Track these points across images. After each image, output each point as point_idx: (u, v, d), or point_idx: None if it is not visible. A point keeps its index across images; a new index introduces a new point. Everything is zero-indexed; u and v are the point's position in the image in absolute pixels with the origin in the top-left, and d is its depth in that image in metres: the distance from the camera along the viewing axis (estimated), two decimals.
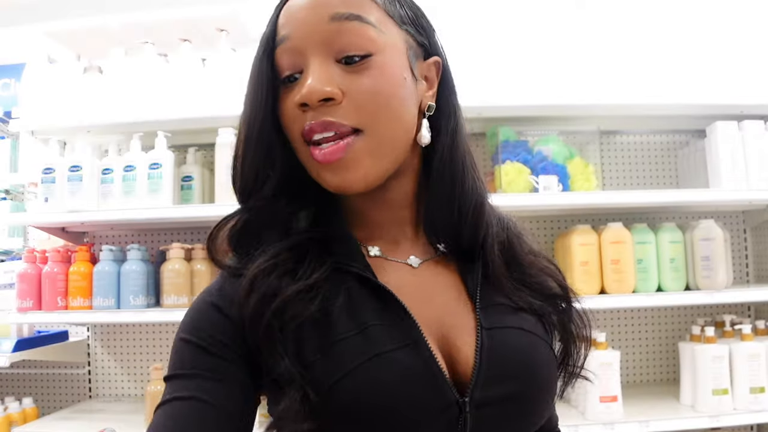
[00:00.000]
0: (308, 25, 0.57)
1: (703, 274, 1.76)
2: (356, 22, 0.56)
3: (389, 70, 0.58)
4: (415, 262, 0.65)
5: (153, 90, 1.83)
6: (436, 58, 0.64)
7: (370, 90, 0.57)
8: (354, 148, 0.57)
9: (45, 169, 1.83)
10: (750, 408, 1.68)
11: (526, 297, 0.64)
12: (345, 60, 0.57)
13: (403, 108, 0.59)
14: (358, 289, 0.59)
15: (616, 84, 1.79)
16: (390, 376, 0.54)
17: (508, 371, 0.58)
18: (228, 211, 0.64)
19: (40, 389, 2.15)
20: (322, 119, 0.56)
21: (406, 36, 0.61)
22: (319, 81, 0.56)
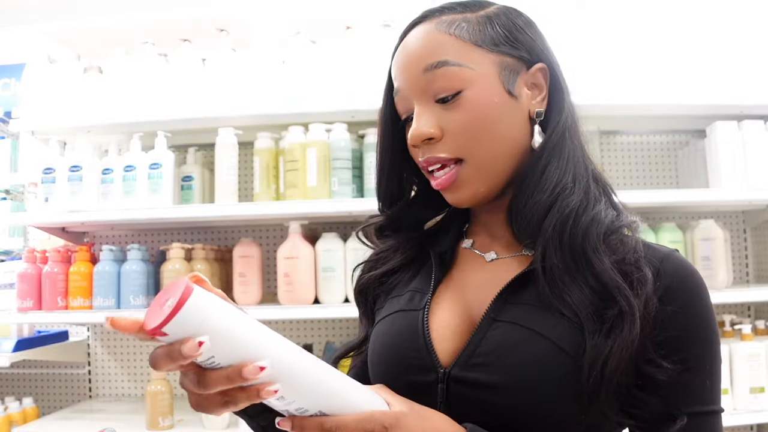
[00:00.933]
0: (409, 79, 0.68)
1: (703, 274, 1.75)
2: (445, 68, 0.66)
3: (478, 101, 0.66)
4: (490, 257, 0.73)
5: (153, 90, 1.83)
6: (540, 65, 0.69)
7: (463, 124, 0.66)
8: (461, 174, 0.68)
9: (45, 169, 1.83)
10: (750, 408, 1.68)
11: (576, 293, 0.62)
12: (441, 100, 0.67)
13: (498, 130, 0.67)
14: (429, 267, 0.75)
15: (616, 84, 1.78)
16: (395, 329, 0.71)
17: (491, 363, 0.62)
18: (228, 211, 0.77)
19: (41, 389, 2.15)
20: (428, 156, 0.68)
21: (499, 57, 0.67)
22: (420, 125, 0.67)
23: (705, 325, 0.64)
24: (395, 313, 0.72)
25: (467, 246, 0.76)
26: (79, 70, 1.92)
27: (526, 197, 0.67)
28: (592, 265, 0.63)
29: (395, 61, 0.71)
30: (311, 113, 1.78)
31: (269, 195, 1.83)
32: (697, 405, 0.62)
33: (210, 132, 1.86)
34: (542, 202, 0.66)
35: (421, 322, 0.68)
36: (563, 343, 0.60)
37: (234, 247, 1.86)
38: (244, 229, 2.10)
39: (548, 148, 0.68)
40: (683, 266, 0.67)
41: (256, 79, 1.81)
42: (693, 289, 0.65)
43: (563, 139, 0.68)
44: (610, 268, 0.62)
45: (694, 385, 0.62)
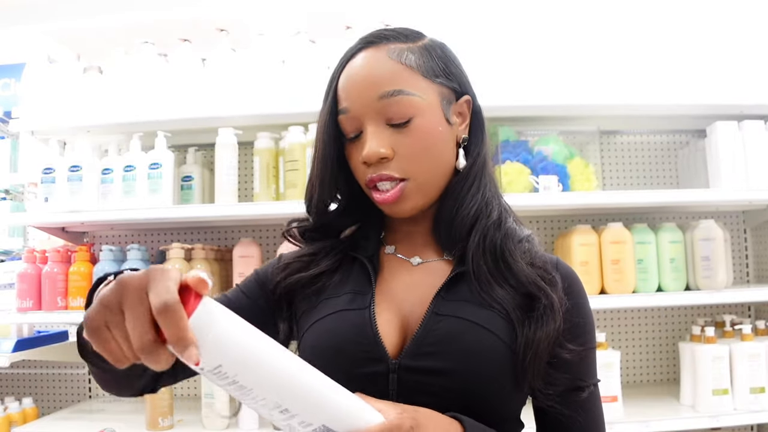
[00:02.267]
0: (363, 101, 0.75)
1: (703, 274, 1.76)
2: (400, 96, 0.74)
3: (426, 128, 0.75)
4: (416, 261, 0.82)
5: (153, 90, 1.83)
6: (466, 98, 0.81)
7: (412, 147, 0.75)
8: (405, 191, 0.76)
9: (45, 169, 1.83)
10: (750, 408, 1.68)
11: (501, 293, 0.74)
12: (393, 125, 0.75)
13: (440, 154, 0.77)
14: (358, 270, 0.81)
15: (616, 84, 1.79)
16: (341, 326, 0.75)
17: (438, 351, 0.71)
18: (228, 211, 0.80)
19: (40, 389, 2.15)
20: (380, 173, 0.75)
21: (439, 88, 0.77)
22: (375, 145, 0.74)
23: (591, 316, 0.81)
24: (338, 312, 0.76)
25: (391, 252, 0.84)
26: (79, 70, 1.91)
27: (454, 211, 0.79)
28: (511, 267, 0.76)
29: (347, 82, 0.77)
30: (311, 113, 1.78)
31: (269, 195, 1.83)
32: (591, 378, 0.80)
33: (210, 132, 1.85)
34: (470, 216, 0.78)
35: (370, 318, 0.74)
36: (499, 333, 0.72)
37: (234, 247, 1.86)
38: (244, 229, 2.10)
39: (474, 170, 0.79)
40: (570, 270, 0.82)
41: (256, 79, 1.81)
42: (581, 288, 0.81)
43: (485, 163, 0.81)
44: (526, 269, 0.75)
45: (589, 363, 0.80)
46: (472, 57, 1.79)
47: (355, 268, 0.81)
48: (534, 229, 2.11)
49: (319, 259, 0.83)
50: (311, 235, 0.86)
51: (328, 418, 0.56)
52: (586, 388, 0.78)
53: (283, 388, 0.53)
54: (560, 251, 1.88)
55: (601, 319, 2.06)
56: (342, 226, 0.86)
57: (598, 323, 2.05)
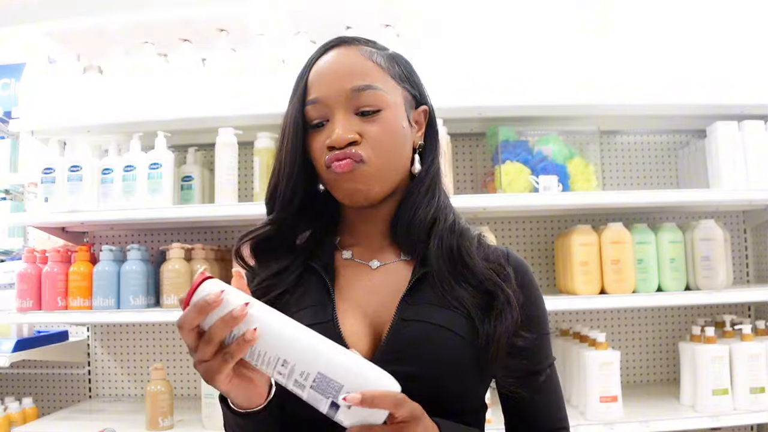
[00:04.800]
0: (334, 92, 0.78)
1: (703, 274, 1.76)
2: (371, 90, 0.78)
3: (393, 121, 0.80)
4: (375, 265, 0.83)
5: (153, 90, 1.83)
6: (424, 107, 0.86)
7: (380, 134, 0.78)
8: (358, 171, 0.77)
9: (45, 169, 1.83)
10: (750, 408, 1.68)
11: (462, 292, 0.77)
12: (362, 113, 0.78)
13: (400, 148, 0.81)
14: (316, 281, 0.82)
15: (616, 84, 1.79)
16: None
17: (407, 356, 0.73)
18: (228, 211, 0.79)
19: (40, 389, 2.15)
20: (345, 151, 0.77)
21: (403, 91, 0.83)
22: (344, 130, 0.77)
23: (543, 304, 0.85)
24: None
25: (348, 257, 0.85)
26: (79, 70, 1.92)
27: (411, 214, 0.81)
28: (468, 265, 0.79)
29: (318, 74, 0.81)
30: None
31: None
32: (546, 361, 0.84)
33: (210, 132, 1.85)
34: (428, 219, 0.82)
35: (334, 331, 0.75)
36: (462, 332, 0.75)
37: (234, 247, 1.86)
38: (244, 229, 2.09)
39: (430, 175, 0.84)
40: (520, 261, 0.86)
41: (256, 79, 1.81)
42: (532, 278, 0.85)
43: (438, 171, 0.86)
44: (482, 266, 0.79)
45: (544, 347, 0.84)
46: (472, 57, 1.80)
47: (314, 279, 0.82)
48: (534, 229, 2.12)
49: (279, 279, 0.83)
50: (267, 246, 0.85)
51: (324, 367, 0.61)
52: (543, 371, 0.83)
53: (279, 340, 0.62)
54: (560, 251, 1.88)
55: (601, 319, 2.06)
56: (296, 229, 0.86)
57: (599, 323, 2.05)
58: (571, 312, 2.04)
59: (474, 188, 2.07)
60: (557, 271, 1.93)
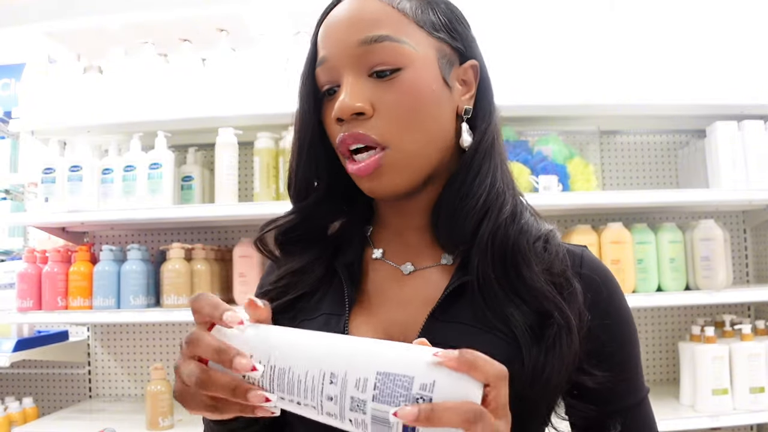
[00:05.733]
0: (341, 47, 0.61)
1: (703, 274, 1.76)
2: (386, 42, 0.60)
3: (417, 84, 0.61)
4: (408, 269, 0.67)
5: (153, 90, 1.83)
6: (473, 62, 0.67)
7: (397, 104, 0.60)
8: (384, 162, 0.61)
9: (45, 169, 1.83)
10: (750, 408, 1.68)
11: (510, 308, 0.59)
12: (376, 74, 0.61)
13: (430, 119, 0.62)
14: (337, 285, 0.67)
15: (616, 84, 1.79)
16: None
17: None
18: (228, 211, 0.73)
19: (40, 389, 2.15)
20: (353, 131, 0.61)
21: (439, 44, 0.63)
22: (351, 97, 0.60)
23: (630, 325, 0.68)
24: None
25: (378, 256, 0.69)
26: (79, 70, 1.91)
27: (457, 201, 0.63)
28: (523, 277, 0.61)
29: (324, 27, 0.64)
30: None
31: (269, 195, 1.83)
32: (629, 398, 0.65)
33: (210, 132, 1.85)
34: (478, 208, 0.63)
35: None
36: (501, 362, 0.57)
37: (234, 247, 1.86)
38: (244, 229, 2.10)
39: (481, 150, 0.64)
40: (601, 269, 0.67)
41: (256, 79, 1.81)
42: (614, 292, 0.66)
43: (493, 142, 0.66)
44: (542, 281, 0.61)
45: (629, 383, 0.65)
46: None
47: (335, 282, 0.67)
48: None
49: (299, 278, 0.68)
50: (291, 237, 0.70)
51: (382, 363, 0.46)
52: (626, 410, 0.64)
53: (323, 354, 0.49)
54: None
55: None
56: (324, 218, 0.71)
57: None
58: None
59: None
60: None
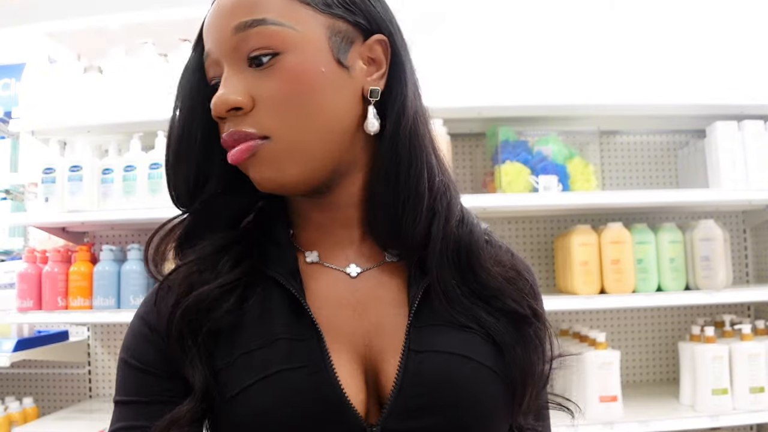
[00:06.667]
0: (219, 38, 0.56)
1: (703, 274, 1.76)
2: (260, 27, 0.54)
3: (300, 67, 0.54)
4: (354, 271, 0.60)
5: (153, 90, 1.83)
6: (378, 36, 0.58)
7: (277, 93, 0.54)
8: (262, 150, 0.55)
9: (45, 169, 1.83)
10: (750, 408, 1.68)
11: (477, 311, 0.57)
12: (254, 63, 0.55)
13: (319, 105, 0.55)
14: (279, 296, 0.57)
15: (616, 84, 1.79)
16: (288, 395, 0.52)
17: (432, 403, 0.53)
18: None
19: (41, 389, 2.15)
20: (231, 130, 0.55)
21: (331, 20, 0.56)
22: (225, 92, 0.55)
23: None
24: (276, 374, 0.53)
25: (314, 260, 0.61)
26: (79, 70, 1.91)
27: (392, 196, 0.58)
28: (480, 278, 0.59)
29: (207, 18, 0.59)
30: None
31: None
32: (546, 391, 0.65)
33: None
34: (425, 209, 0.58)
35: (329, 379, 0.53)
36: (488, 362, 0.56)
37: None
38: None
39: (400, 135, 0.57)
40: (529, 266, 0.66)
41: None
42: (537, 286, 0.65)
43: (415, 128, 0.58)
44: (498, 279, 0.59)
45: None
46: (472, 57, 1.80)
47: (275, 295, 0.57)
48: (534, 229, 2.12)
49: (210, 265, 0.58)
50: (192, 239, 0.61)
51: None
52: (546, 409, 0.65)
53: None
54: (560, 251, 1.88)
55: (601, 319, 2.06)
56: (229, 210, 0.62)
57: (598, 323, 2.05)
58: (570, 312, 2.04)
59: (474, 188, 2.07)
60: (557, 271, 1.93)
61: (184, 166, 0.60)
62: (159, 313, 0.58)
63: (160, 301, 0.58)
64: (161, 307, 0.58)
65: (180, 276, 0.58)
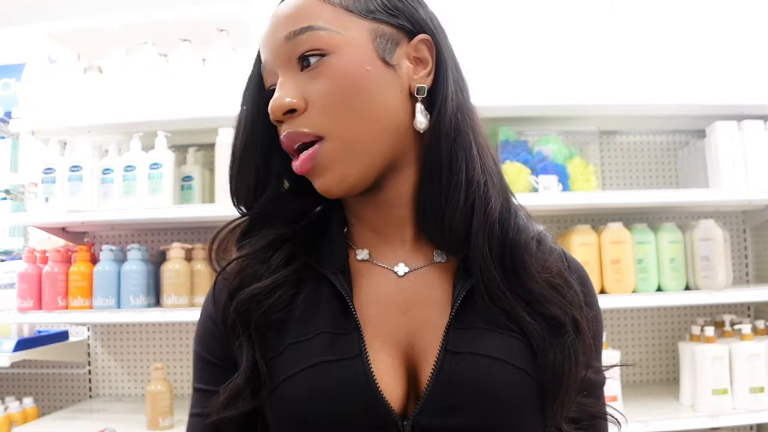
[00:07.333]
0: (273, 48, 0.60)
1: (703, 274, 1.76)
2: (308, 33, 0.58)
3: (346, 68, 0.58)
4: (402, 270, 0.62)
5: (153, 90, 1.83)
6: (422, 36, 0.62)
7: (326, 91, 0.58)
8: (320, 154, 0.58)
9: (45, 169, 1.83)
10: (750, 408, 1.68)
11: (519, 312, 0.58)
12: (304, 66, 0.59)
13: (368, 102, 0.58)
14: (327, 292, 0.60)
15: (616, 84, 1.79)
16: (326, 384, 0.56)
17: (465, 403, 0.55)
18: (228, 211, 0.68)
19: (41, 389, 2.15)
20: (287, 132, 0.59)
21: (374, 24, 0.60)
22: (280, 95, 0.58)
23: (601, 316, 0.68)
24: (316, 365, 0.56)
25: (364, 258, 0.63)
26: (79, 70, 1.91)
27: (438, 196, 0.60)
28: (523, 281, 0.59)
29: (264, 32, 0.63)
30: None
31: None
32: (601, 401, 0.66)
33: (210, 132, 1.85)
34: (461, 205, 0.59)
35: (365, 372, 0.56)
36: (524, 365, 0.57)
37: None
38: None
39: (443, 132, 0.60)
40: (582, 268, 0.68)
41: None
42: (592, 286, 0.69)
43: (459, 124, 0.60)
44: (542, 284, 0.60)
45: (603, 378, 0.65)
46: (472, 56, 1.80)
47: (324, 291, 0.60)
48: None
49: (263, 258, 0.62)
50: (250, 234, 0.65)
51: None
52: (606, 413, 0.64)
53: None
54: None
55: None
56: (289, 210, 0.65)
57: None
58: None
59: None
60: None
61: (246, 173, 0.63)
62: (216, 305, 0.63)
63: (217, 294, 0.64)
64: (218, 300, 0.63)
65: (234, 270, 0.63)
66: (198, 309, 1.93)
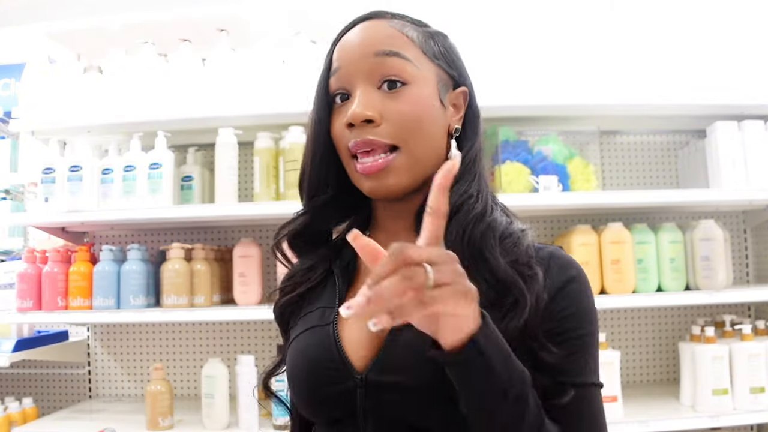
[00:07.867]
0: (356, 59, 0.71)
1: (703, 274, 1.76)
2: (396, 58, 0.71)
3: (421, 98, 0.71)
4: None
5: (153, 90, 1.83)
6: (463, 89, 0.77)
7: (405, 113, 0.70)
8: (394, 163, 0.70)
9: (45, 169, 1.83)
10: (750, 408, 1.68)
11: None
12: (386, 86, 0.71)
13: (432, 130, 0.72)
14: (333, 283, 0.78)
15: (616, 84, 1.79)
16: (310, 345, 0.73)
17: (401, 364, 0.66)
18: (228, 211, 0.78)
19: (40, 389, 2.15)
20: (364, 137, 0.70)
21: (437, 69, 0.74)
22: (363, 105, 0.70)
23: (588, 315, 0.72)
24: (308, 330, 0.75)
25: None
26: (79, 70, 1.92)
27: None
28: (488, 263, 0.68)
29: (341, 43, 0.74)
30: None
31: (269, 195, 1.83)
32: (579, 377, 0.69)
33: (210, 132, 1.85)
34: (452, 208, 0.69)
35: (332, 335, 0.71)
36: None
37: (234, 247, 1.86)
38: (244, 229, 2.10)
39: (464, 164, 0.73)
40: (565, 262, 0.73)
41: (256, 79, 1.81)
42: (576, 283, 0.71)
43: (476, 159, 0.76)
44: (504, 266, 0.67)
45: (579, 364, 0.70)
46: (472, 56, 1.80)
47: (332, 280, 0.78)
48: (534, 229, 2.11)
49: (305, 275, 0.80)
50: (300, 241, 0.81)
51: None
52: (567, 389, 0.67)
53: None
54: None
55: (602, 319, 2.06)
56: (328, 221, 0.81)
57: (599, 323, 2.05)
58: None
59: None
60: None
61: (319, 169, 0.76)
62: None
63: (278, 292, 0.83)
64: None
65: (287, 277, 0.82)
66: (198, 309, 1.93)
